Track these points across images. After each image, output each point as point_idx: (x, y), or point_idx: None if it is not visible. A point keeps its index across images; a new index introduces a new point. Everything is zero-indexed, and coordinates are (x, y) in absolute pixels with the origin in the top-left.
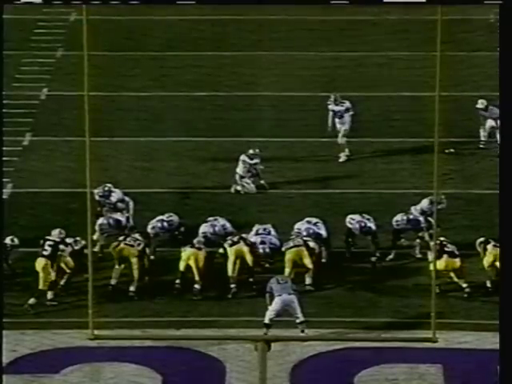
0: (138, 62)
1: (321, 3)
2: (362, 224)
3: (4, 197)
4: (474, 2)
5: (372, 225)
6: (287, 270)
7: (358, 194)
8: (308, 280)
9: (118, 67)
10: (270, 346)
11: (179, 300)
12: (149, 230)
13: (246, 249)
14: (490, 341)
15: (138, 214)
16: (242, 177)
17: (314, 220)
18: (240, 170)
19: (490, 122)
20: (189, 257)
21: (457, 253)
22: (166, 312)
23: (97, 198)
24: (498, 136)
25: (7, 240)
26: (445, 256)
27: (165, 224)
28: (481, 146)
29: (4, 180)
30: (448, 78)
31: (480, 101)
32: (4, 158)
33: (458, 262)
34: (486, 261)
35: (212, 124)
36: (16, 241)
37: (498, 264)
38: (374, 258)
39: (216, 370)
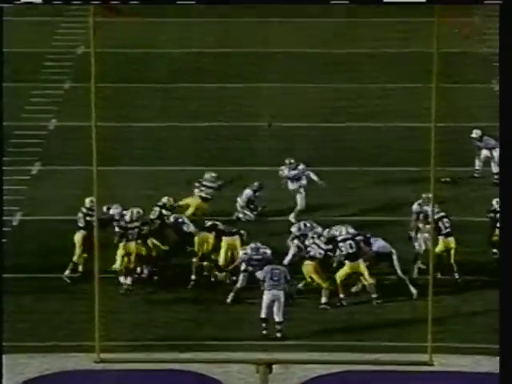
0: (144, 94)
1: (321, 3)
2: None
3: (13, 224)
4: (474, 2)
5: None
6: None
7: (358, 221)
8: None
9: (124, 98)
10: (272, 368)
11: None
12: None
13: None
14: (485, 364)
15: None
16: (242, 206)
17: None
18: (241, 200)
19: (485, 152)
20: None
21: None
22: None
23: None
24: (492, 165)
25: None
26: (441, 237)
27: None
28: (475, 175)
29: (13, 208)
30: (444, 109)
31: (475, 131)
32: (13, 187)
33: (453, 242)
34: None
35: (215, 153)
36: None
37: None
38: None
39: None
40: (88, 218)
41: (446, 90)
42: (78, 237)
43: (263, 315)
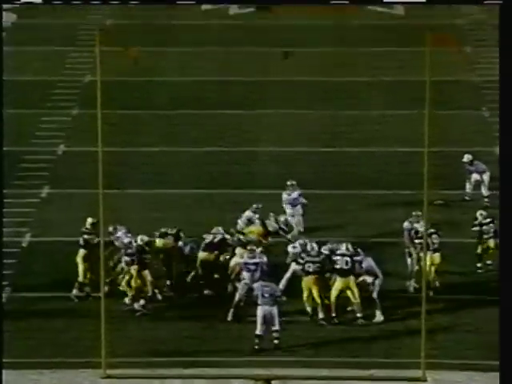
0: (148, 120)
1: (321, 3)
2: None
3: (23, 245)
4: (474, 2)
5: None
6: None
7: (355, 240)
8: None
9: (129, 124)
10: (271, 383)
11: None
12: None
13: None
14: (477, 380)
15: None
16: (242, 228)
17: None
18: (241, 221)
19: (475, 176)
20: None
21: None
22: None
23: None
24: (482, 189)
25: None
26: (429, 253)
27: None
28: (466, 197)
29: (23, 229)
30: (437, 135)
31: (466, 156)
32: (23, 209)
33: (438, 258)
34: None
35: (216, 177)
36: None
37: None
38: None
39: None
40: (86, 237)
41: (439, 116)
42: (80, 255)
43: (258, 332)
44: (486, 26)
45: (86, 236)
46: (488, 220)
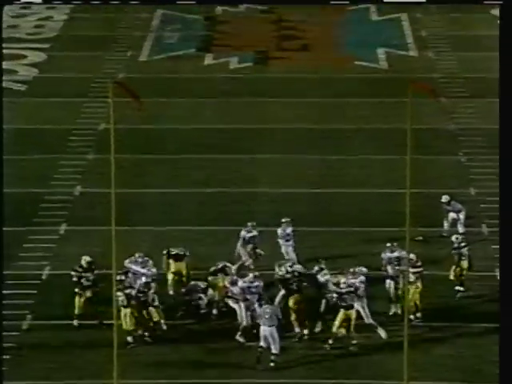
0: (156, 163)
1: (321, 3)
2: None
3: (42, 277)
4: (473, 2)
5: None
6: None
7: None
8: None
9: (139, 168)
10: None
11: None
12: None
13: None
14: None
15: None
16: (240, 250)
17: None
18: (239, 243)
19: (452, 215)
20: None
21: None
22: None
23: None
24: (459, 226)
25: None
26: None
27: None
28: (444, 234)
29: (43, 263)
30: (417, 177)
31: (444, 196)
32: (43, 245)
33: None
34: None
35: (219, 215)
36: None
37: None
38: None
39: None
40: (77, 275)
41: (420, 160)
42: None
43: (261, 343)
44: (460, 78)
45: (77, 274)
46: (463, 244)
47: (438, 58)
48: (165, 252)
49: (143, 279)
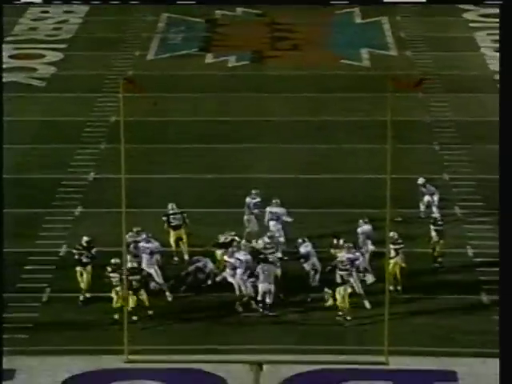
0: (162, 152)
1: (321, 3)
2: None
3: (60, 254)
4: (474, 2)
5: None
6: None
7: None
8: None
9: (147, 156)
10: (262, 367)
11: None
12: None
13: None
14: (427, 363)
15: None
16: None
17: None
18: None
19: (427, 198)
20: None
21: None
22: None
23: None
24: (433, 208)
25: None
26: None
27: None
28: (421, 216)
29: (59, 242)
30: (397, 164)
31: (420, 179)
32: (60, 226)
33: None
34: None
35: (218, 199)
36: None
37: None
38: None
39: None
40: (77, 253)
41: (399, 149)
42: (77, 270)
43: (259, 298)
44: (436, 75)
45: (77, 251)
46: (440, 223)
47: (415, 56)
48: (165, 218)
49: (147, 252)
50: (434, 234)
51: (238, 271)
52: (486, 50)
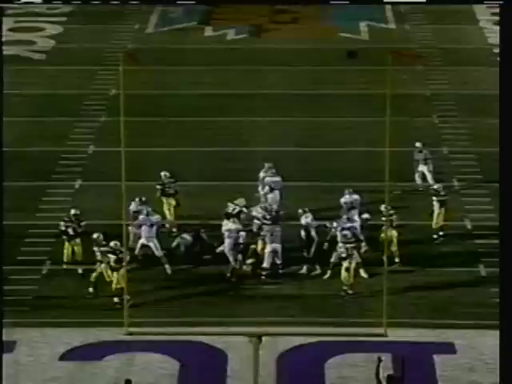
0: (161, 125)
1: (321, 3)
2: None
3: (61, 228)
4: (473, 2)
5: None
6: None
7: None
8: None
9: (146, 129)
10: (262, 339)
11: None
12: None
13: None
14: (426, 335)
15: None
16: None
17: None
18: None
19: (421, 167)
20: None
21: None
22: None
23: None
24: (428, 179)
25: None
26: (389, 229)
27: None
28: (420, 189)
29: (60, 214)
30: (395, 137)
31: (417, 143)
32: (60, 198)
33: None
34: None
35: (218, 172)
36: None
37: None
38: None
39: (220, 358)
40: (64, 225)
41: (398, 122)
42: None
43: (266, 265)
44: (434, 48)
45: (64, 223)
46: (443, 193)
47: (414, 30)
48: (159, 187)
49: (148, 225)
50: (436, 204)
51: (227, 241)
52: (485, 23)
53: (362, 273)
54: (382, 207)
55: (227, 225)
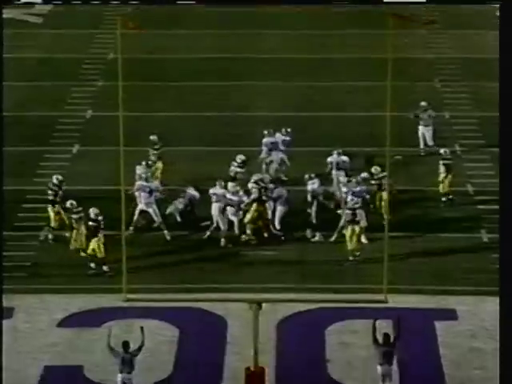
0: (161, 90)
1: (321, 3)
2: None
3: (60, 193)
4: (474, 2)
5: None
6: None
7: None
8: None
9: (145, 94)
10: (262, 306)
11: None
12: None
13: None
14: (427, 301)
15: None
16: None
17: None
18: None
19: (421, 129)
20: None
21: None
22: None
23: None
24: (427, 139)
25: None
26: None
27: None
28: (421, 153)
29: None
30: (397, 102)
31: (423, 102)
32: (57, 163)
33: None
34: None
35: (217, 137)
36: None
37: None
38: None
39: (220, 324)
40: (49, 192)
41: (399, 86)
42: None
43: (278, 227)
44: (437, 11)
45: (49, 191)
46: (449, 157)
47: None
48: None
49: (147, 191)
50: (442, 168)
51: (214, 205)
52: None
53: (363, 238)
54: (373, 169)
55: (215, 188)
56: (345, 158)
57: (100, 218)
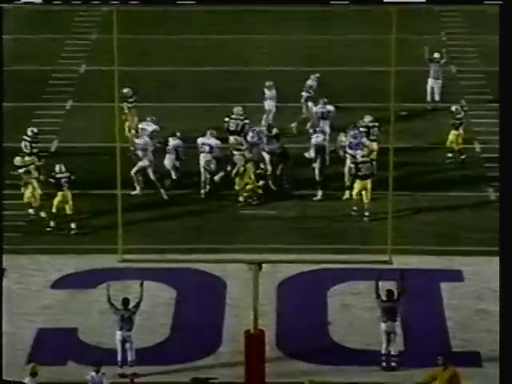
0: (158, 43)
1: (321, 3)
2: None
3: (52, 150)
4: (473, 2)
5: None
6: None
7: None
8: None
9: (142, 48)
10: (262, 266)
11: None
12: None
13: None
14: (432, 262)
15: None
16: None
17: None
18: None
19: (431, 82)
20: None
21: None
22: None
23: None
24: (435, 94)
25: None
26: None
27: None
28: (428, 107)
29: (51, 136)
30: (401, 56)
31: (436, 54)
32: (51, 120)
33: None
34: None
35: (214, 92)
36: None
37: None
38: None
39: (219, 286)
40: (31, 146)
41: (404, 40)
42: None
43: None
44: None
45: (31, 145)
46: (462, 114)
47: None
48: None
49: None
50: (453, 127)
51: (202, 155)
52: None
53: (364, 198)
54: (366, 119)
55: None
56: (330, 107)
57: (65, 174)
